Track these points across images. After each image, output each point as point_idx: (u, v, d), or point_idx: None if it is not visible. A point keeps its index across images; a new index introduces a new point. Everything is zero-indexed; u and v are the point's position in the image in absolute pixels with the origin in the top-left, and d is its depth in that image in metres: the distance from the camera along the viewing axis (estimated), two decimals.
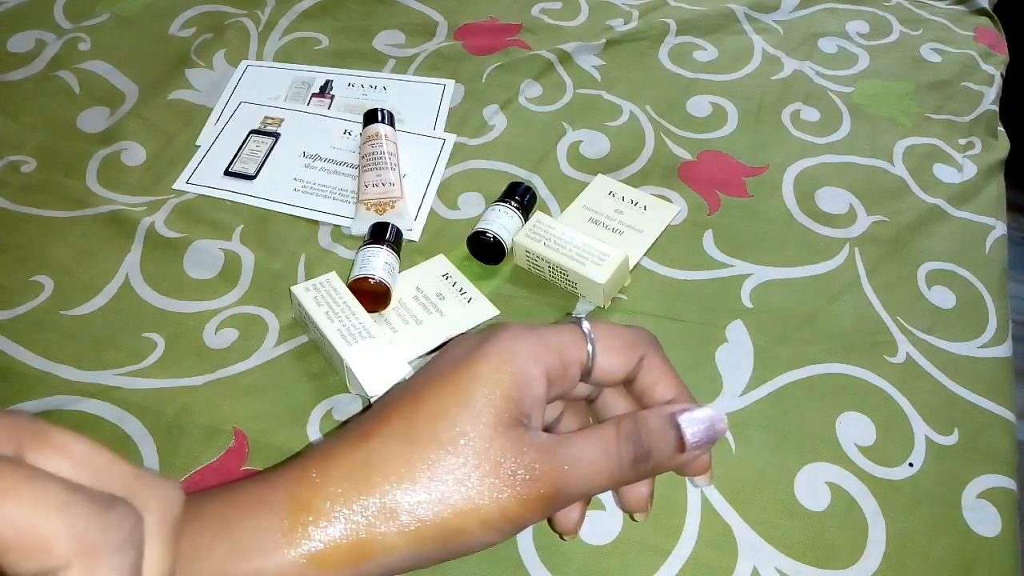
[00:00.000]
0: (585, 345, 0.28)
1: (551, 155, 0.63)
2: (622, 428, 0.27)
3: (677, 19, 0.75)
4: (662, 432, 0.27)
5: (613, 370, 0.29)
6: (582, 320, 0.29)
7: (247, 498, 0.26)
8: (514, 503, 0.25)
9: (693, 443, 0.27)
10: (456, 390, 0.27)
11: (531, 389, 0.27)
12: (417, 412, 0.27)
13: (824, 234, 0.58)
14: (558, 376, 0.28)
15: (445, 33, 0.75)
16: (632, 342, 0.29)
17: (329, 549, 0.25)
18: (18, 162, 0.62)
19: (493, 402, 0.26)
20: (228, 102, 0.67)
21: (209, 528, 0.26)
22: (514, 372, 0.27)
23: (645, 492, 0.31)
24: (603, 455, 0.27)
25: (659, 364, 0.30)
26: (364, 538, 0.25)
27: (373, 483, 0.26)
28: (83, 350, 0.50)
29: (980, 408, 0.48)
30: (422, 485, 0.25)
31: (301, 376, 0.49)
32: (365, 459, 0.26)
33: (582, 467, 0.26)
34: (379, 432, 0.27)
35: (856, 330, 0.52)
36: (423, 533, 0.25)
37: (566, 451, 0.26)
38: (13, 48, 0.72)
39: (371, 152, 0.59)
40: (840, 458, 0.46)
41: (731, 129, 0.66)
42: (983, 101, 0.69)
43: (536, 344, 0.27)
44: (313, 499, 0.26)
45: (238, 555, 0.25)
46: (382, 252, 0.51)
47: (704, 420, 0.27)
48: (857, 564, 0.42)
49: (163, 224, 0.57)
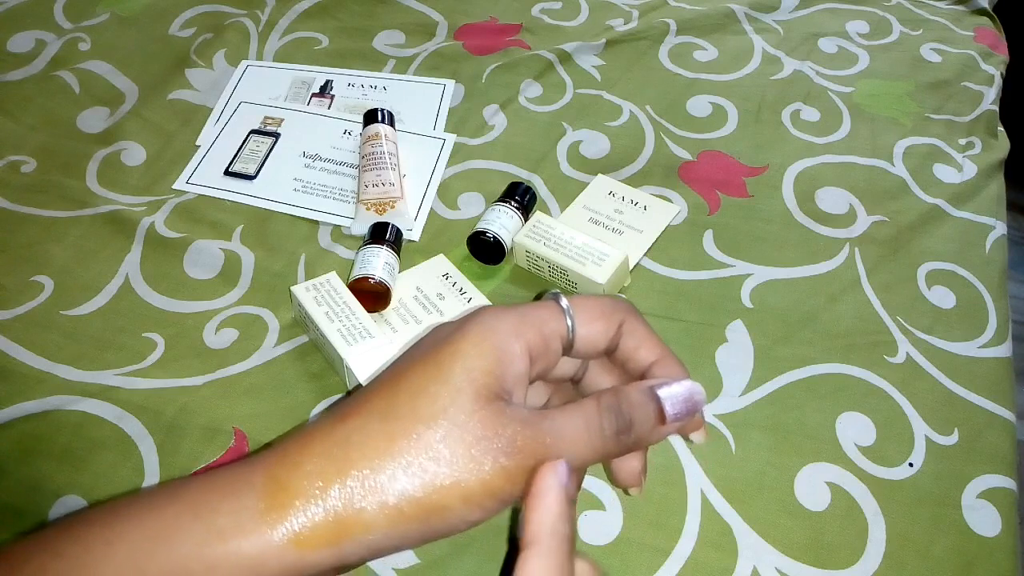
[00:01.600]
0: (564, 318, 0.28)
1: (551, 155, 0.63)
2: (603, 401, 0.27)
3: (677, 19, 0.75)
4: (643, 404, 0.27)
5: (594, 339, 0.29)
6: (559, 295, 0.29)
7: (225, 480, 0.26)
8: (496, 477, 0.25)
9: (673, 415, 0.28)
10: (437, 367, 0.26)
11: (513, 365, 0.27)
12: (397, 390, 0.27)
13: (824, 234, 0.58)
14: (540, 351, 0.28)
15: (445, 33, 0.75)
16: (609, 310, 0.30)
17: (308, 529, 0.25)
18: (18, 162, 0.62)
19: (474, 377, 0.26)
20: (228, 102, 0.67)
21: (188, 510, 0.26)
22: (495, 348, 0.27)
23: (637, 466, 0.31)
24: (585, 428, 0.27)
25: (639, 328, 0.30)
26: (343, 517, 0.25)
27: (351, 461, 0.25)
28: (83, 350, 0.50)
29: (980, 408, 0.48)
30: (401, 462, 0.25)
31: (301, 376, 0.49)
32: (344, 438, 0.26)
33: (564, 440, 0.26)
34: (359, 411, 0.27)
35: (856, 330, 0.52)
36: (404, 511, 0.25)
37: (548, 424, 0.26)
38: (13, 48, 0.72)
39: (371, 152, 0.59)
40: (840, 458, 0.46)
41: (731, 129, 0.66)
42: (983, 101, 0.69)
43: (516, 321, 0.27)
44: (291, 479, 0.26)
45: (216, 536, 0.25)
46: (382, 252, 0.51)
47: (683, 392, 0.28)
48: (857, 564, 0.42)
49: (163, 224, 0.57)
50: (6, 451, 0.45)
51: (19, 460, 0.45)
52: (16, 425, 0.46)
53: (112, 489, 0.43)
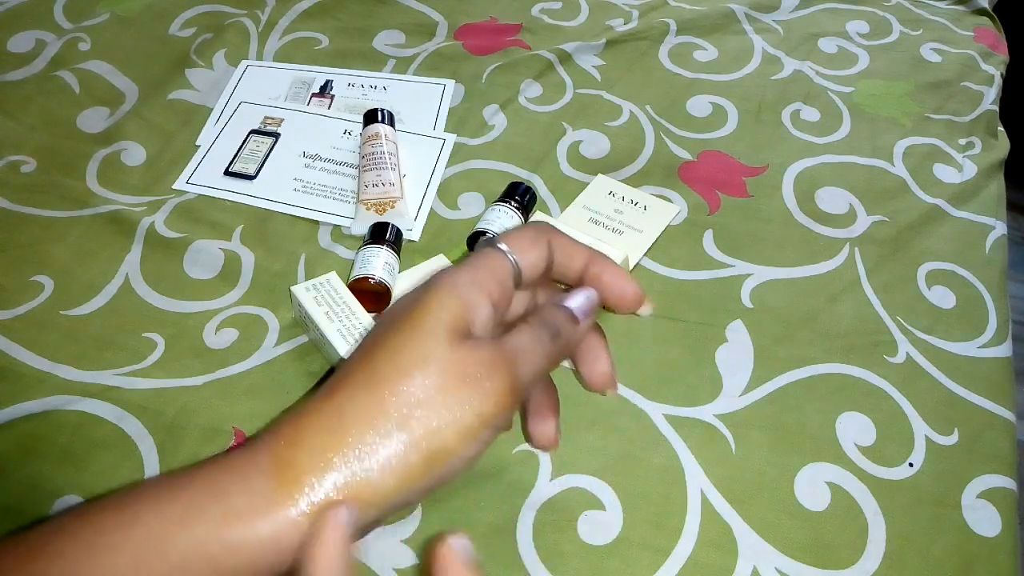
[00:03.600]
0: (508, 258, 0.31)
1: (551, 155, 0.63)
2: (532, 319, 0.31)
3: (677, 19, 0.75)
4: (559, 312, 0.31)
5: (535, 264, 0.32)
6: (493, 238, 0.32)
7: (235, 463, 0.27)
8: (485, 403, 0.27)
9: (581, 313, 0.32)
10: (410, 325, 0.28)
11: (479, 311, 0.29)
12: (376, 355, 0.28)
13: (824, 234, 0.58)
14: (499, 293, 0.30)
15: (445, 33, 0.75)
16: (536, 235, 0.33)
17: (320, 502, 0.26)
18: (18, 162, 0.62)
19: (445, 323, 0.28)
20: (228, 102, 0.67)
21: (202, 492, 0.26)
22: (459, 298, 0.29)
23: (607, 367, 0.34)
24: (531, 340, 0.30)
25: (565, 242, 0.33)
26: (352, 484, 0.26)
27: (348, 429, 0.26)
28: (83, 350, 0.50)
29: (980, 408, 0.48)
30: (395, 419, 0.27)
31: (301, 376, 0.49)
32: (336, 409, 0.27)
33: (524, 353, 0.29)
34: (344, 383, 0.28)
35: (856, 330, 0.52)
36: (409, 463, 0.26)
37: (508, 342, 0.29)
38: (13, 48, 0.72)
39: (371, 152, 0.59)
40: (840, 458, 0.46)
41: (731, 129, 0.66)
42: (983, 101, 0.69)
43: (471, 273, 0.30)
44: (295, 455, 0.26)
45: (233, 517, 0.25)
46: (382, 252, 0.51)
47: (582, 296, 0.32)
48: (857, 564, 0.42)
49: (163, 224, 0.57)
50: (6, 451, 0.45)
51: (19, 460, 0.45)
52: (16, 425, 0.46)
53: (112, 489, 0.43)
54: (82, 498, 0.43)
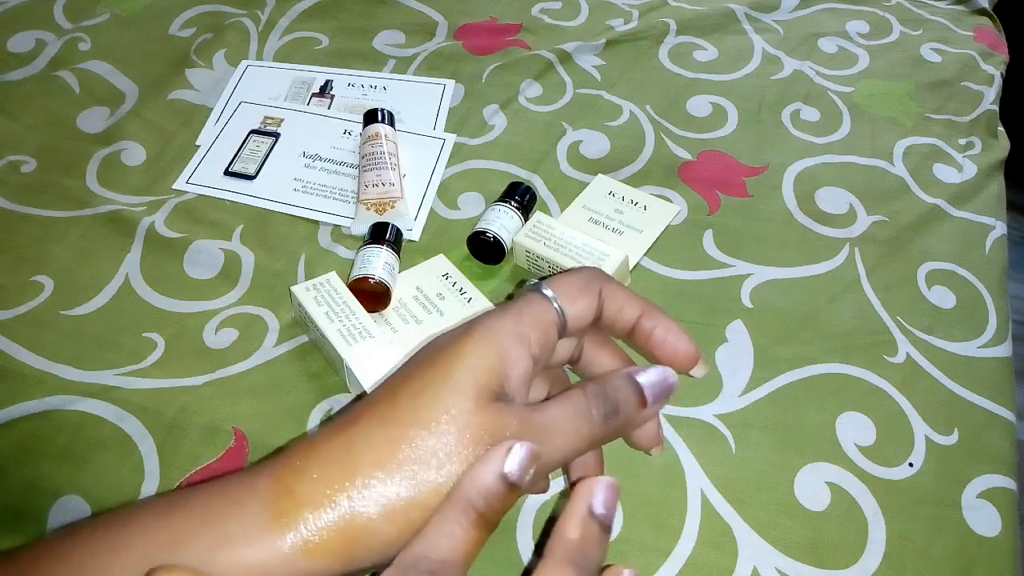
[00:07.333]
0: (552, 306, 0.29)
1: (551, 155, 0.63)
2: (590, 389, 0.28)
3: (677, 19, 0.75)
4: (625, 388, 0.29)
5: (582, 314, 0.30)
6: (539, 285, 0.30)
7: (233, 488, 0.26)
8: None
9: (652, 395, 0.29)
10: (440, 370, 0.27)
11: (516, 367, 0.27)
12: (399, 395, 0.27)
13: (824, 234, 0.58)
14: (542, 344, 0.28)
15: (445, 33, 0.75)
16: (586, 282, 0.31)
17: (316, 536, 0.25)
18: (18, 162, 0.62)
19: (476, 377, 0.26)
20: (228, 102, 0.67)
21: (196, 516, 0.26)
22: (498, 348, 0.27)
23: (655, 427, 0.32)
24: (576, 415, 0.27)
25: (617, 291, 0.31)
26: (352, 524, 0.25)
27: (356, 466, 0.25)
28: (83, 350, 0.50)
29: (980, 408, 0.48)
30: (405, 466, 0.25)
31: (301, 376, 0.49)
32: (347, 443, 0.26)
33: (559, 429, 0.27)
34: (361, 418, 0.27)
35: (856, 330, 0.52)
36: (410, 514, 0.25)
37: (542, 416, 0.27)
38: (13, 48, 0.72)
39: (371, 152, 0.59)
40: (840, 458, 0.46)
41: (731, 129, 0.66)
42: (983, 101, 0.69)
43: (514, 321, 0.28)
44: (296, 485, 0.26)
45: (225, 543, 0.25)
46: (382, 252, 0.51)
47: (658, 376, 0.30)
48: (857, 564, 0.42)
49: (163, 224, 0.57)
50: (6, 451, 0.45)
51: (19, 460, 0.45)
52: (16, 425, 0.46)
53: (112, 489, 0.43)
54: (82, 498, 0.43)
